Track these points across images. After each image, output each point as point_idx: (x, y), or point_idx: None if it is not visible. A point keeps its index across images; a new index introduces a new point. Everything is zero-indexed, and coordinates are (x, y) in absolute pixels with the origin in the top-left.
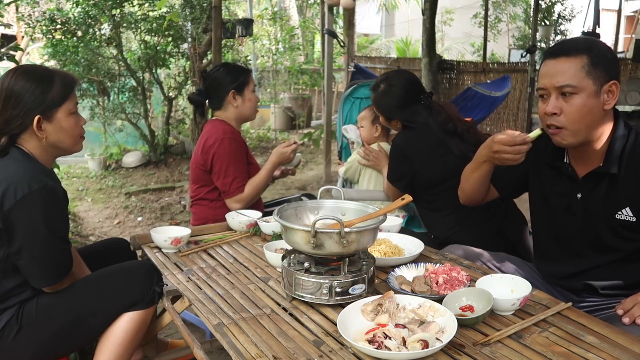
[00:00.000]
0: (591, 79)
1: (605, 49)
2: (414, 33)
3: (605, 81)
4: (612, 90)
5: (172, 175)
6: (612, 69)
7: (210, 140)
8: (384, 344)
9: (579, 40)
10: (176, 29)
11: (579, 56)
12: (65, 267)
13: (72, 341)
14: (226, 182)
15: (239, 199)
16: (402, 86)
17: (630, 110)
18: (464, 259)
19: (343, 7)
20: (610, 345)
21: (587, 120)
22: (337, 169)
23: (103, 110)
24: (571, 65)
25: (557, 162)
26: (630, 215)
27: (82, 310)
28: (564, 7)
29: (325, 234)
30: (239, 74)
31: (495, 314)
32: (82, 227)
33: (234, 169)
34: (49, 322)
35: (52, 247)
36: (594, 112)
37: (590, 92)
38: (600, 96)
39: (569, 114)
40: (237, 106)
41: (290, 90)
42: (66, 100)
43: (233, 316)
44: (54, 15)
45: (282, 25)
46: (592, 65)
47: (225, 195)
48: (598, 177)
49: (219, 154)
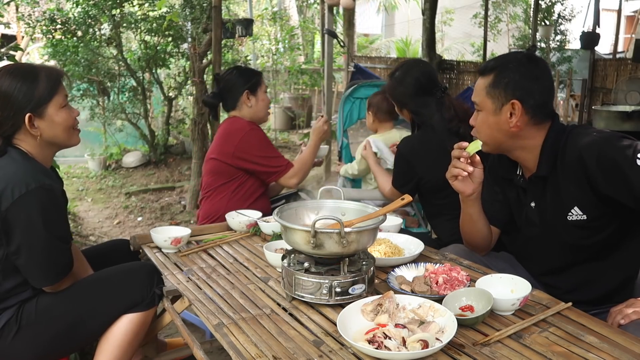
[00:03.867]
0: (489, 99)
1: (516, 67)
2: (414, 33)
3: (505, 100)
4: (513, 110)
5: (172, 175)
6: (518, 89)
7: (237, 133)
8: (384, 344)
9: (494, 59)
10: (176, 29)
11: (487, 76)
12: (64, 266)
13: (71, 342)
14: (273, 163)
15: (293, 174)
16: (417, 76)
17: (630, 110)
18: (464, 259)
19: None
20: (610, 345)
21: (489, 135)
22: (337, 169)
23: (103, 110)
24: (480, 84)
25: (511, 174)
26: (580, 214)
27: (81, 311)
28: (564, 7)
29: (325, 234)
30: (252, 75)
31: (495, 314)
32: (82, 227)
33: (273, 150)
34: (48, 323)
35: (51, 247)
36: (495, 128)
37: (489, 110)
38: (501, 115)
39: (477, 127)
40: (251, 106)
41: (290, 90)
42: (55, 95)
43: (233, 316)
44: (54, 15)
45: (282, 25)
46: (492, 86)
47: (278, 175)
48: (541, 183)
49: (252, 143)
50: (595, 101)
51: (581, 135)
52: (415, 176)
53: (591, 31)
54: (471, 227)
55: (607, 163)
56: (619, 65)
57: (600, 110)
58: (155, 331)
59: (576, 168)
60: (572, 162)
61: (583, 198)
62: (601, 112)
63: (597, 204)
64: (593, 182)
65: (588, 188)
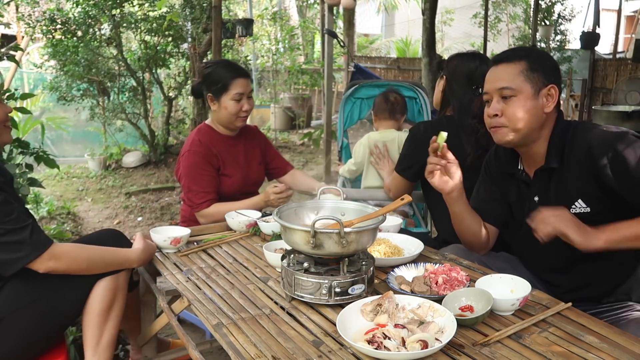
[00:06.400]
0: (529, 83)
1: (545, 55)
2: (414, 33)
3: (543, 85)
4: (550, 94)
5: (172, 175)
6: (551, 75)
7: (182, 151)
8: (383, 344)
9: (519, 48)
10: (176, 29)
11: (518, 62)
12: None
13: (58, 319)
14: (191, 196)
15: (203, 215)
16: (471, 69)
17: (630, 110)
18: (464, 259)
19: (343, 7)
20: (610, 346)
21: (525, 121)
22: (337, 169)
23: (103, 110)
24: (510, 70)
25: (512, 169)
26: (584, 206)
27: (59, 286)
28: (564, 7)
29: (324, 234)
30: (221, 79)
31: (494, 314)
32: (82, 227)
33: (197, 182)
34: (29, 306)
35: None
36: (532, 113)
37: (528, 94)
38: (539, 99)
39: (508, 114)
40: (214, 110)
41: (290, 90)
42: None
43: (232, 316)
44: (54, 15)
45: (282, 25)
46: (530, 70)
47: (192, 208)
48: (546, 176)
49: (183, 167)
50: (595, 101)
51: (589, 130)
52: (420, 160)
53: (591, 31)
54: (459, 225)
55: (617, 159)
56: (619, 65)
57: (600, 110)
58: (154, 331)
59: (584, 161)
60: (581, 156)
61: (588, 191)
62: (601, 112)
63: (601, 198)
64: (601, 176)
65: (594, 181)
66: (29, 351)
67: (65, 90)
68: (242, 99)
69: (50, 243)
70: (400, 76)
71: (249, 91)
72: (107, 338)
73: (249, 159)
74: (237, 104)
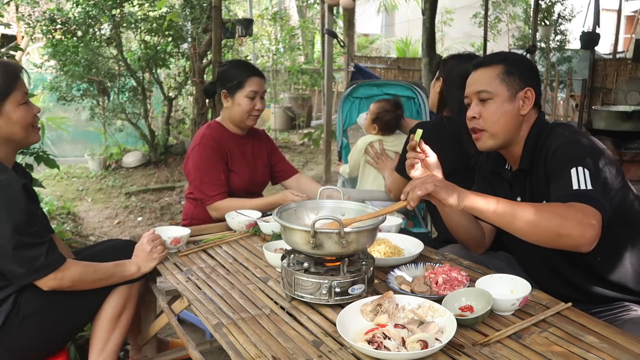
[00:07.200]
0: (505, 86)
1: (521, 60)
2: (414, 33)
3: (519, 88)
4: (527, 97)
5: (172, 175)
6: (528, 78)
7: (191, 145)
8: (383, 344)
9: (497, 53)
10: (176, 29)
11: (495, 66)
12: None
13: (74, 322)
14: (204, 189)
15: (215, 207)
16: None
17: (630, 110)
18: (464, 259)
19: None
20: (610, 346)
21: (502, 123)
22: (337, 169)
23: (103, 110)
24: (487, 74)
25: (500, 168)
26: None
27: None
28: (564, 7)
29: (324, 234)
30: (237, 76)
31: (494, 314)
32: (82, 227)
33: (209, 175)
34: (50, 307)
35: (21, 245)
36: (508, 115)
37: (504, 97)
38: (515, 102)
39: (486, 117)
40: (227, 106)
41: (290, 90)
42: (12, 92)
43: (232, 316)
44: (54, 15)
45: (282, 25)
46: (506, 74)
47: (203, 201)
48: (523, 177)
49: (192, 161)
50: (595, 101)
51: (555, 134)
52: None
53: (591, 31)
54: (450, 222)
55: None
56: (619, 65)
57: (600, 110)
58: (154, 331)
59: (546, 164)
60: (544, 159)
61: (549, 194)
62: (601, 112)
63: None
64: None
65: None
66: (41, 351)
67: (65, 90)
68: (255, 97)
69: (62, 262)
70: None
71: (263, 91)
72: (112, 344)
73: (256, 159)
74: (251, 102)
